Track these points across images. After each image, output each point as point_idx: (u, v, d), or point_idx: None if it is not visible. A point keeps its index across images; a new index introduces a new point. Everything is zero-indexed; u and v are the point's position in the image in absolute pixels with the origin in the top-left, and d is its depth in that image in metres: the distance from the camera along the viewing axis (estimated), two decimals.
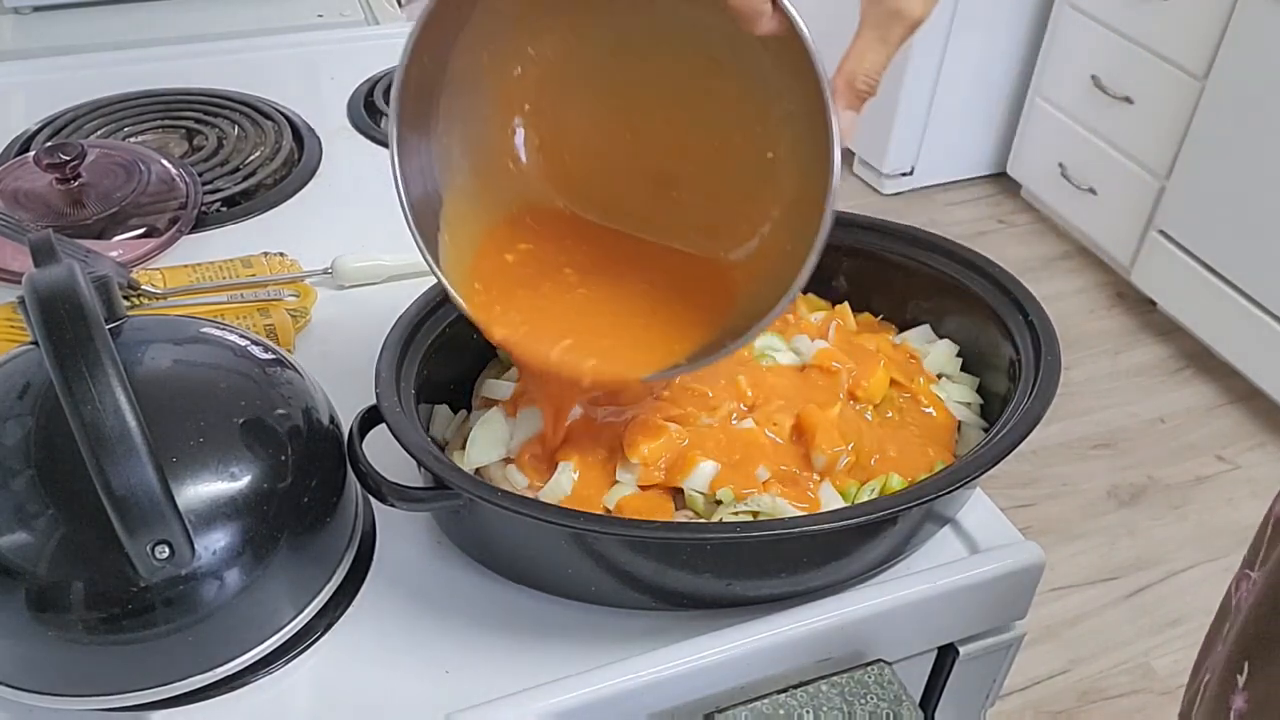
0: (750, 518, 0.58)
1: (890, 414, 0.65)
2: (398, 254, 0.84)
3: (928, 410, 0.66)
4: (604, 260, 0.62)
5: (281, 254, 0.85)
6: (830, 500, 0.59)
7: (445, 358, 0.68)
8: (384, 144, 1.03)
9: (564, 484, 0.59)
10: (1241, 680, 0.52)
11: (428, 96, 0.58)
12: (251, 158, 0.99)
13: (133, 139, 1.00)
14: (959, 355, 0.71)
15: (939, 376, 0.70)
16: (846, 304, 0.73)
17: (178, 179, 0.91)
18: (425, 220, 0.58)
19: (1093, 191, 2.35)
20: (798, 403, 0.63)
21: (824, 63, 0.50)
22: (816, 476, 0.60)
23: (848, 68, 0.54)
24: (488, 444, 0.62)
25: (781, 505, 0.58)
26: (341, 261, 0.83)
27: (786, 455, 0.61)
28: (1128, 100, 2.20)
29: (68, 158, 0.85)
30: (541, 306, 0.60)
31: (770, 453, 0.60)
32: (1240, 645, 0.53)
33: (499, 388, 0.67)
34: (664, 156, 0.61)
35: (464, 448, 0.63)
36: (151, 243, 0.86)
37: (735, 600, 0.59)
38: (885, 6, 0.54)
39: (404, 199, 0.57)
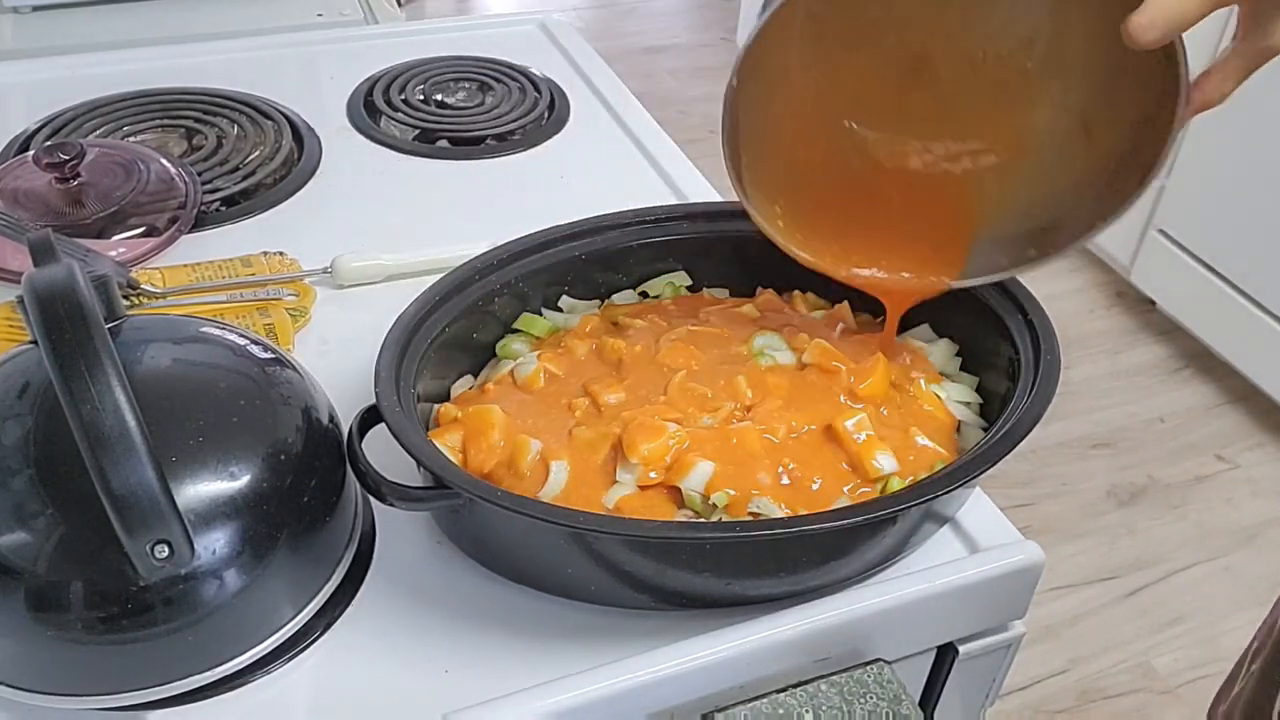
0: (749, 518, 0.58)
1: (884, 411, 0.65)
2: (397, 253, 0.84)
3: (927, 409, 0.66)
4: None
5: (281, 253, 0.85)
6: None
7: (445, 357, 0.68)
8: (384, 144, 1.03)
9: (558, 482, 0.59)
10: None
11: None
12: (251, 157, 0.99)
13: (132, 138, 1.00)
14: (958, 355, 0.71)
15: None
16: (846, 303, 0.73)
17: (177, 178, 0.91)
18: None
19: None
20: (797, 403, 0.63)
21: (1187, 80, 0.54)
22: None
23: (1208, 90, 0.56)
24: None
25: (778, 508, 0.58)
26: (341, 261, 0.83)
27: (785, 456, 0.61)
28: None
29: (67, 157, 0.85)
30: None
31: (769, 453, 0.60)
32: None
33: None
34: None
35: None
36: (151, 242, 0.86)
37: (734, 600, 0.59)
38: (1262, 44, 0.54)
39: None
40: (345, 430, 0.59)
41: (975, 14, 0.63)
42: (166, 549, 0.47)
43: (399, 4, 1.40)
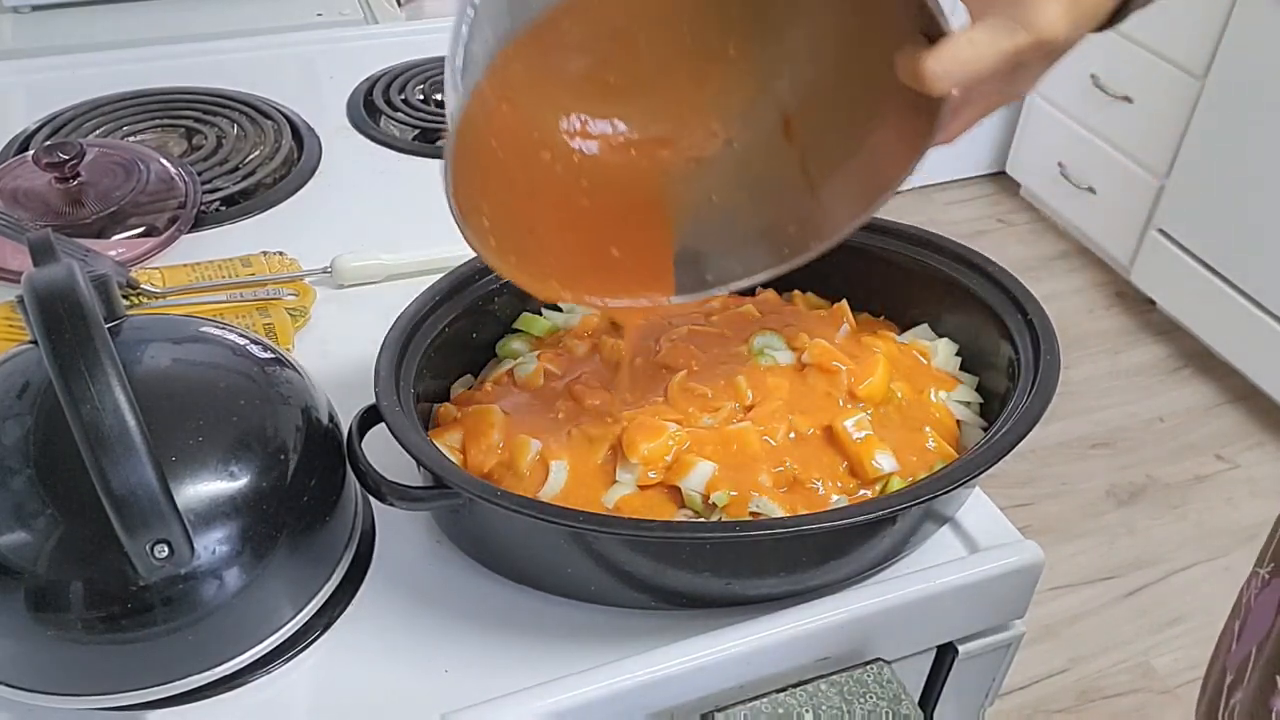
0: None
1: (885, 411, 0.65)
2: (397, 253, 0.84)
3: (935, 415, 0.66)
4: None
5: (281, 253, 0.85)
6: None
7: (445, 357, 0.68)
8: (383, 143, 1.03)
9: (558, 481, 0.59)
10: None
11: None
12: (251, 157, 0.99)
13: (132, 138, 1.00)
14: (958, 354, 0.71)
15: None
16: (845, 303, 0.73)
17: (177, 178, 0.91)
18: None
19: (1092, 191, 2.35)
20: (797, 403, 0.63)
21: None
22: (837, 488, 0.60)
23: (951, 132, 0.51)
24: None
25: (778, 508, 0.58)
26: (341, 261, 0.83)
27: (785, 456, 0.61)
28: (1127, 99, 2.20)
29: (67, 157, 0.85)
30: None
31: (769, 453, 0.60)
32: None
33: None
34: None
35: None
36: (150, 242, 0.86)
37: (734, 600, 0.59)
38: (1010, 91, 0.50)
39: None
40: (345, 430, 0.59)
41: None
42: (166, 549, 0.47)
43: (399, 4, 1.40)
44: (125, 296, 0.78)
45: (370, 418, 0.59)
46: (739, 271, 0.63)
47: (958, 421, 0.66)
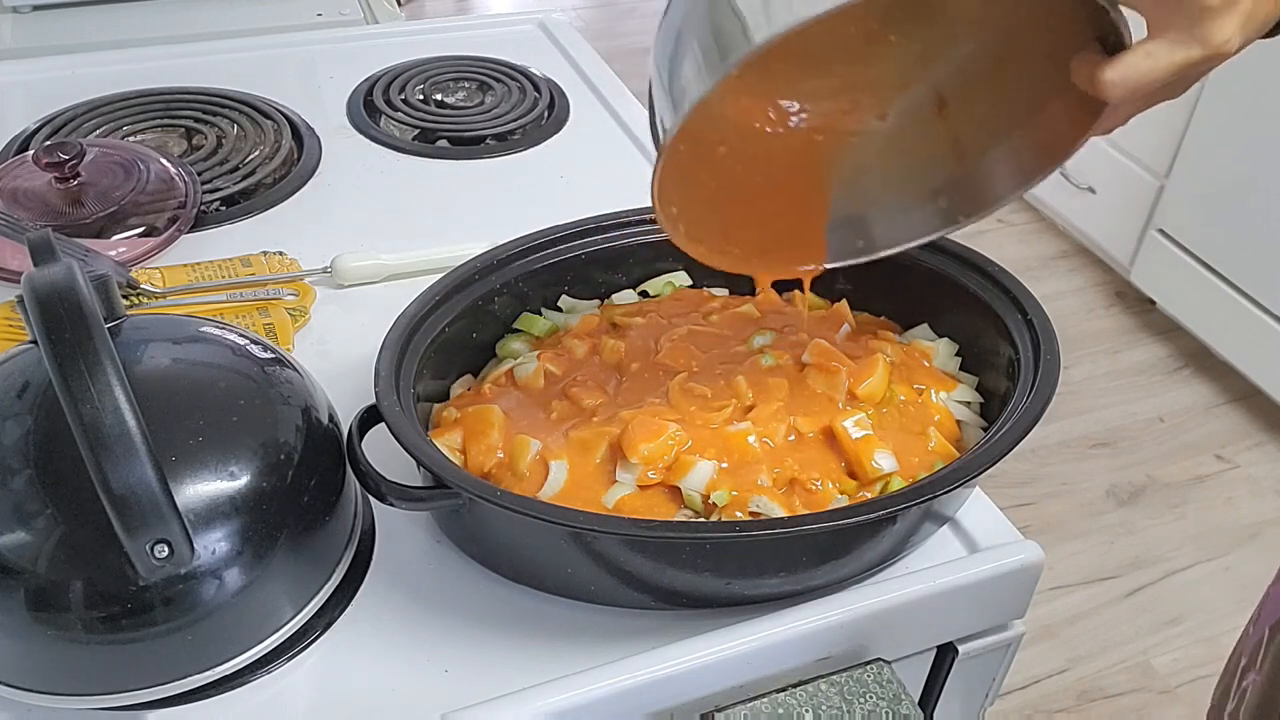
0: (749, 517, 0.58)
1: (884, 411, 0.65)
2: (397, 253, 0.84)
3: (936, 417, 0.66)
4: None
5: (281, 253, 0.85)
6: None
7: (445, 357, 0.68)
8: (384, 143, 1.03)
9: (558, 481, 0.59)
10: None
11: None
12: (251, 157, 0.99)
13: (132, 138, 1.00)
14: (958, 354, 0.71)
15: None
16: (845, 302, 0.73)
17: (177, 178, 0.91)
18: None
19: (1091, 190, 2.35)
20: (797, 403, 0.63)
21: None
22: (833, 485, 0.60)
23: (1106, 124, 0.54)
24: None
25: (778, 508, 0.58)
26: (341, 260, 0.83)
27: (785, 455, 0.61)
28: None
29: (67, 157, 0.85)
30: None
31: (769, 453, 0.60)
32: None
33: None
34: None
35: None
36: (150, 242, 0.86)
37: (734, 599, 0.59)
38: (1185, 18, 0.50)
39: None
40: (345, 430, 0.59)
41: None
42: (166, 549, 0.47)
43: (399, 4, 1.40)
44: (125, 296, 0.78)
45: (370, 418, 0.59)
46: (886, 240, 0.66)
47: (958, 421, 0.66)
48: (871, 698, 0.57)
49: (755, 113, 0.63)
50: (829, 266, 0.66)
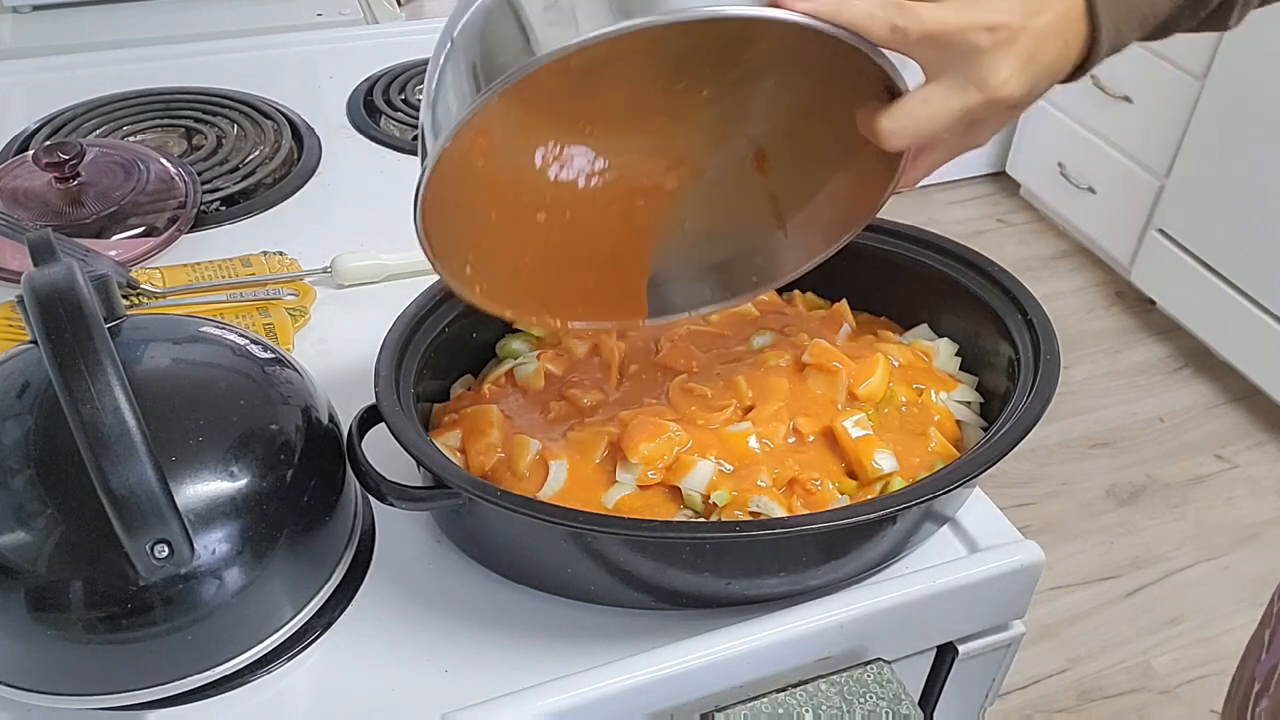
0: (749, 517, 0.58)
1: (884, 411, 0.65)
2: (397, 253, 0.84)
3: (936, 418, 0.66)
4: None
5: (281, 253, 0.85)
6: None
7: (445, 357, 0.68)
8: (383, 143, 1.03)
9: (558, 481, 0.59)
10: None
11: None
12: (251, 157, 0.99)
13: (132, 138, 1.00)
14: (958, 354, 0.71)
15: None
16: (845, 303, 0.73)
17: (177, 178, 0.91)
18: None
19: (1092, 190, 2.35)
20: (797, 403, 0.63)
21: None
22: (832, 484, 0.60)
23: (910, 178, 0.52)
24: None
25: (778, 508, 0.58)
26: (341, 260, 0.83)
27: (785, 455, 0.61)
28: (1127, 99, 2.20)
29: (67, 157, 0.85)
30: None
31: (769, 453, 0.60)
32: None
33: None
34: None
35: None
36: (150, 242, 0.86)
37: (734, 600, 0.59)
38: (970, 142, 0.50)
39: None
40: (345, 430, 0.59)
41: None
42: (166, 549, 0.47)
43: (399, 4, 1.40)
44: (125, 296, 0.78)
45: (370, 418, 0.59)
46: (706, 298, 0.65)
47: (958, 422, 0.66)
48: (871, 698, 0.57)
49: (556, 159, 0.61)
50: (646, 324, 0.65)
